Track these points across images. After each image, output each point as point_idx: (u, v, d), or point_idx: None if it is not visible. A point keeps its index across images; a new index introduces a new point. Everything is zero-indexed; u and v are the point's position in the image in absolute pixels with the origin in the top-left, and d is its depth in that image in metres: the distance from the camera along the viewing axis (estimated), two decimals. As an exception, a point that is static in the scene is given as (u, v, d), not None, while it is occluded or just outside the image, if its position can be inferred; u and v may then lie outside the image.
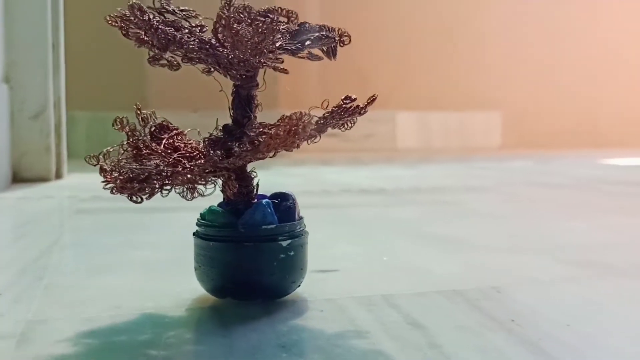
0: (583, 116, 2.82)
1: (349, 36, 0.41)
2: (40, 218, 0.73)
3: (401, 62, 2.53)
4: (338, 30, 0.41)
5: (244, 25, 0.34)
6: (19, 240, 0.61)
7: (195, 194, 0.34)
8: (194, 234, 0.39)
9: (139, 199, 0.35)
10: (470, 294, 0.41)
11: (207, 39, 0.36)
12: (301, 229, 0.39)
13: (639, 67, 2.81)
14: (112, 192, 0.35)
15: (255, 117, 0.39)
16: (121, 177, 0.35)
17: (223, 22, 0.34)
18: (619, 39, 2.79)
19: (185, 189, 0.34)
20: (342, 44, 0.41)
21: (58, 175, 1.19)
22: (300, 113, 0.32)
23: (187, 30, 0.37)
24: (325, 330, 0.34)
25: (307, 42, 0.38)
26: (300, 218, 0.39)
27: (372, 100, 0.37)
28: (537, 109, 2.79)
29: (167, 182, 0.34)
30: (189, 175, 0.35)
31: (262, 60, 0.36)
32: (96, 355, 0.30)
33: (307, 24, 0.40)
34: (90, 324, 0.35)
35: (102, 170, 0.36)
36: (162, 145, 0.39)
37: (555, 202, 0.91)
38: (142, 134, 0.39)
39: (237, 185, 0.36)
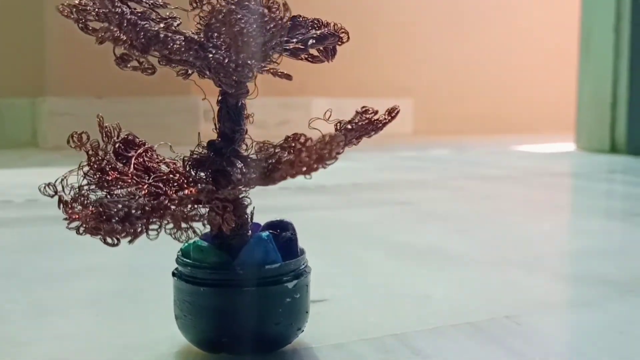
0: (490, 102, 2.89)
1: (347, 32, 0.35)
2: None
3: (316, 48, 2.48)
4: (334, 25, 0.34)
5: (248, 21, 0.27)
6: None
7: (191, 234, 0.27)
8: (173, 274, 0.32)
9: (116, 241, 0.27)
10: (489, 328, 0.36)
11: (194, 37, 0.29)
12: (305, 265, 0.33)
13: (546, 53, 2.90)
14: (78, 233, 0.28)
15: (246, 130, 0.33)
16: (91, 213, 0.27)
17: (222, 16, 0.27)
18: (527, 26, 2.87)
19: (177, 229, 0.27)
20: (340, 42, 0.34)
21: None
22: (332, 136, 0.26)
23: (163, 25, 0.30)
24: (355, 395, 0.28)
25: (311, 42, 0.32)
26: (302, 251, 0.33)
27: (395, 113, 0.31)
28: (447, 96, 2.82)
29: (153, 219, 0.27)
30: (176, 211, 0.28)
31: (264, 65, 0.29)
32: None
33: (301, 17, 0.34)
34: (53, 401, 0.27)
35: (63, 204, 0.28)
36: (131, 167, 0.31)
37: (508, 198, 0.89)
38: (106, 153, 0.31)
39: (234, 218, 0.29)
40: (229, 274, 0.30)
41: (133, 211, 0.27)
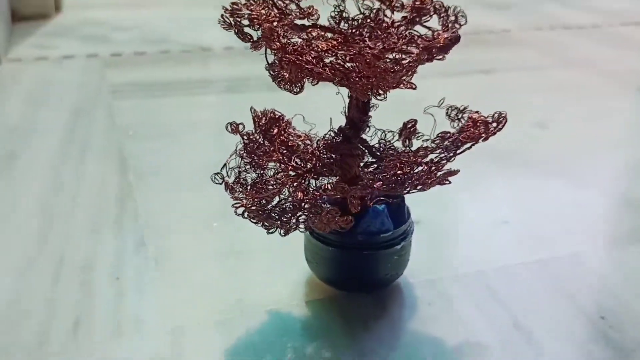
0: None
1: (465, 15, 0.38)
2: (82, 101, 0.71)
3: None
4: (453, 9, 0.37)
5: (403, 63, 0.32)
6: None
7: (334, 226, 0.35)
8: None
9: (272, 231, 0.36)
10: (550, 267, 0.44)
11: (341, 62, 0.34)
12: (410, 226, 0.40)
13: None
14: (243, 217, 0.36)
15: (370, 117, 0.39)
16: (252, 206, 0.35)
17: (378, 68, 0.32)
18: None
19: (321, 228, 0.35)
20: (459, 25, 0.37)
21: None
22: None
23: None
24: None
25: (435, 51, 0.36)
26: (409, 215, 0.41)
27: (504, 120, 0.36)
28: None
29: (304, 215, 0.35)
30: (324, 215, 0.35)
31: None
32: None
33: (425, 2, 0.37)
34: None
35: (229, 188, 0.36)
36: (276, 146, 0.38)
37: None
38: (256, 138, 0.38)
39: (359, 203, 0.37)
40: (351, 239, 0.38)
41: (288, 213, 0.35)
